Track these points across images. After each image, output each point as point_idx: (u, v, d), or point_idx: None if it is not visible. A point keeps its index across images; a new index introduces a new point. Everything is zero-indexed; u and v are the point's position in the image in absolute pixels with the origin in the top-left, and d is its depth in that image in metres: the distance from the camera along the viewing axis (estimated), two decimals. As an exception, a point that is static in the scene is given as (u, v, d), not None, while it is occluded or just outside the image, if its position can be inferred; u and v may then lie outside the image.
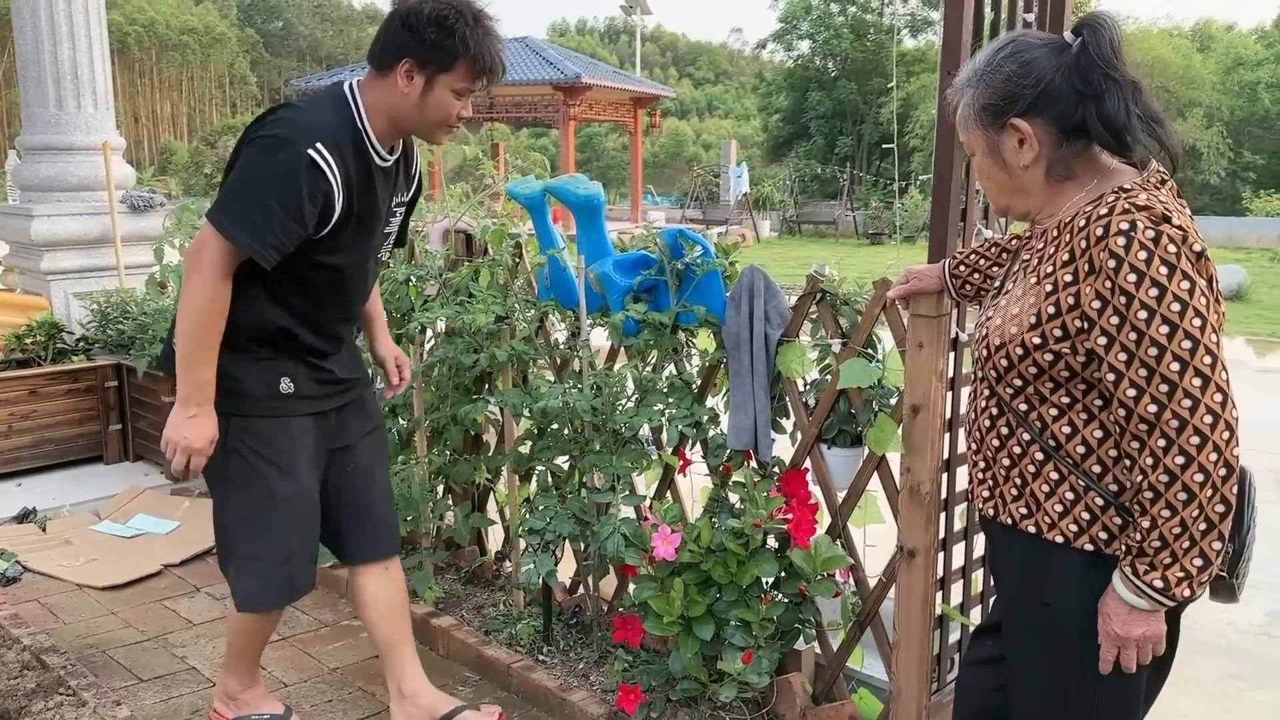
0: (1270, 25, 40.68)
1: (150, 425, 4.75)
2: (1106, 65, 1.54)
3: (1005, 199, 1.70)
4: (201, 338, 2.21)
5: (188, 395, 2.23)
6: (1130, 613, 1.53)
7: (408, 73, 2.19)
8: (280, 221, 2.13)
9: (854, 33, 35.80)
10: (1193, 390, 1.42)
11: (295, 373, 2.38)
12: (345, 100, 2.26)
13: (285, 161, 2.12)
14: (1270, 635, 3.44)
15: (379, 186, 2.33)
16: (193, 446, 2.25)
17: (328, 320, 2.42)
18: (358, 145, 2.24)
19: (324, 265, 2.30)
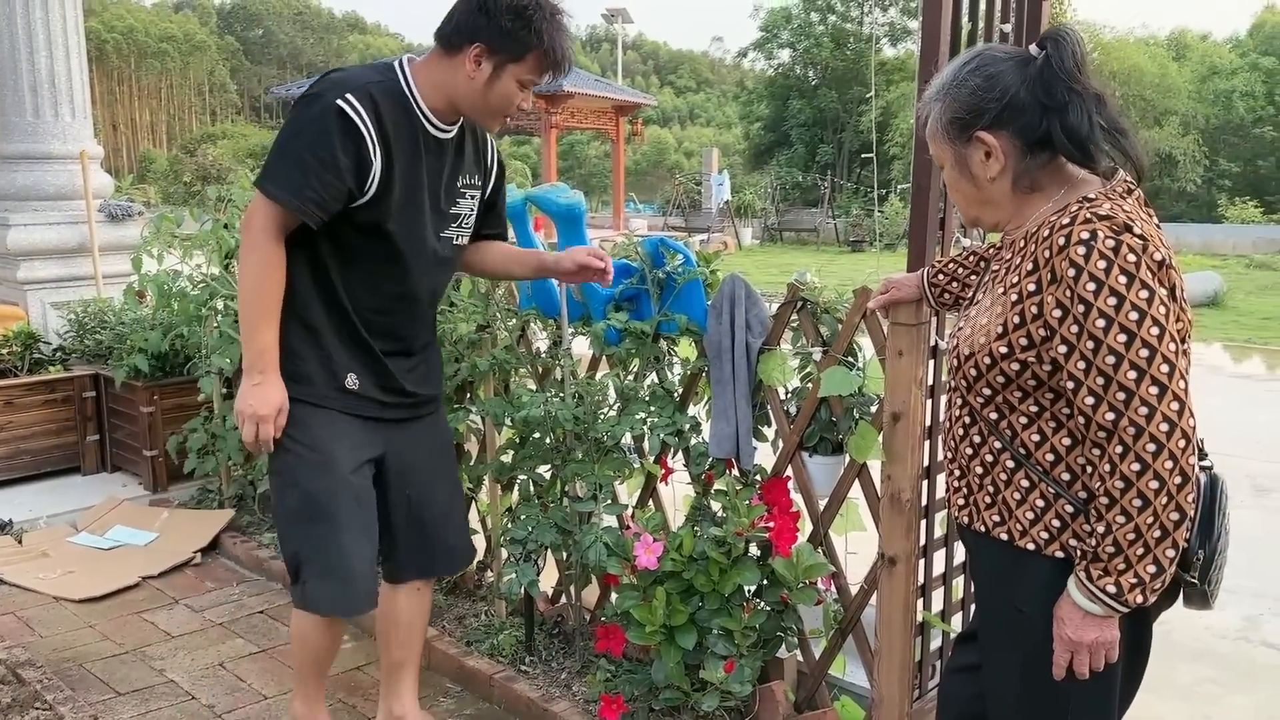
0: (1244, 34, 41.20)
1: (128, 436, 4.71)
2: (1069, 78, 1.55)
3: (974, 210, 1.72)
4: (258, 303, 2.18)
5: (250, 363, 2.20)
6: (1084, 618, 1.55)
7: (476, 57, 2.15)
8: (315, 173, 2.09)
9: (834, 41, 36.03)
10: (1149, 398, 1.44)
11: (362, 371, 2.32)
12: (390, 66, 2.24)
13: (316, 114, 2.10)
14: (1248, 640, 3.47)
15: (430, 154, 2.27)
16: (259, 414, 2.19)
17: (390, 309, 2.33)
18: (400, 104, 2.19)
19: (375, 233, 2.23)
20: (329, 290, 2.26)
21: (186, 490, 4.60)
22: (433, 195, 2.30)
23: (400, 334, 2.38)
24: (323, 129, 2.09)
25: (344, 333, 2.29)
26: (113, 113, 64.93)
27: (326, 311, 2.27)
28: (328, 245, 2.22)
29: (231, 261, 4.19)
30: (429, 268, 2.37)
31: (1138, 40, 34.72)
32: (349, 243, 2.23)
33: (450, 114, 2.27)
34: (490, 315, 3.14)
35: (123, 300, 5.00)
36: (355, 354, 2.31)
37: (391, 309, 2.34)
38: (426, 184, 2.28)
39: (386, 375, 2.36)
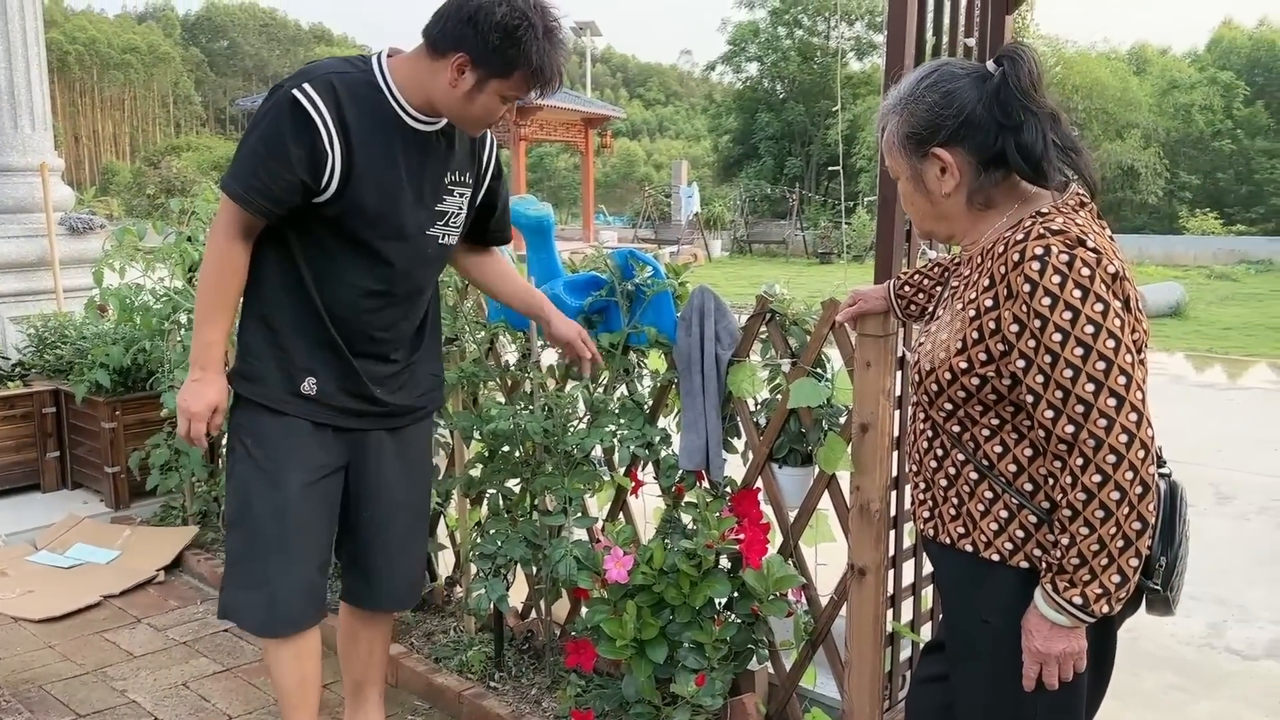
0: (1202, 49, 42.00)
1: (89, 452, 4.64)
2: (1025, 97, 1.56)
3: (928, 224, 1.73)
4: (208, 298, 2.15)
5: (194, 358, 2.18)
6: (1051, 629, 1.56)
7: (459, 67, 2.06)
8: (264, 163, 2.04)
9: (801, 55, 36.33)
10: (1108, 410, 1.45)
11: (324, 373, 2.24)
12: (366, 58, 2.18)
13: (271, 105, 2.06)
14: (1212, 646, 3.50)
15: (410, 147, 2.18)
16: (190, 410, 2.16)
17: (364, 307, 2.23)
18: (370, 95, 2.11)
19: (345, 228, 2.15)
20: (298, 288, 2.20)
21: (149, 507, 4.53)
22: (414, 189, 2.21)
23: (376, 335, 2.28)
24: (275, 119, 2.04)
25: (310, 332, 2.22)
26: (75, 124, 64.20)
27: (293, 310, 2.20)
28: (298, 241, 2.17)
29: (195, 275, 4.15)
30: (410, 264, 2.26)
31: (1099, 54, 35.27)
32: (319, 238, 2.17)
33: (432, 111, 2.19)
34: (458, 328, 3.12)
35: (84, 314, 4.93)
36: (320, 355, 2.23)
37: (366, 307, 2.24)
38: (405, 178, 2.18)
39: (354, 379, 2.27)
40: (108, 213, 8.52)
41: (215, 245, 2.14)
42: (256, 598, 2.25)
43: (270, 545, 2.24)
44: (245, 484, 2.25)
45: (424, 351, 2.44)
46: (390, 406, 2.35)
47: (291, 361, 2.22)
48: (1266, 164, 34.56)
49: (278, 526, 2.23)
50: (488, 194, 2.43)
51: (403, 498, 2.46)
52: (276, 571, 2.24)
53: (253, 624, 2.32)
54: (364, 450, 2.36)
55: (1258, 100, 36.61)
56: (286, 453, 2.23)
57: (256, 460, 2.23)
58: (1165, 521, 1.62)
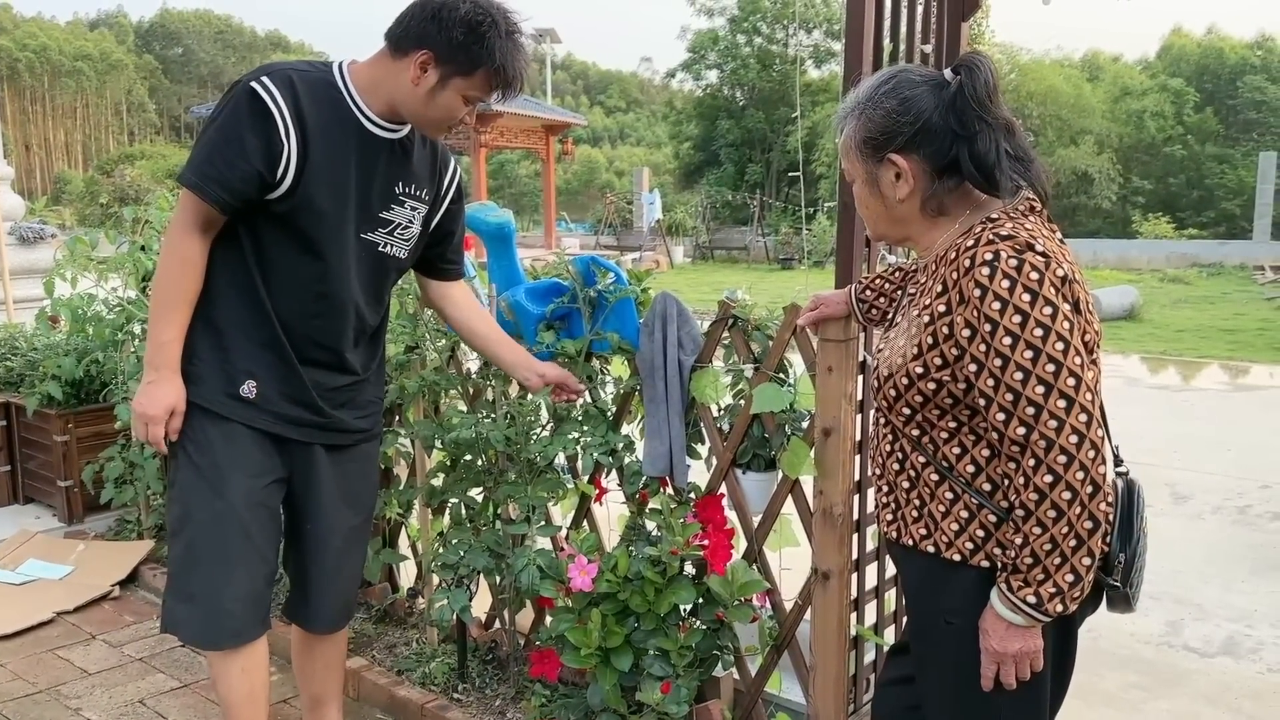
0: (1153, 57, 42.82)
1: (41, 466, 4.54)
2: (980, 107, 1.58)
3: (882, 227, 1.75)
4: (163, 296, 2.11)
5: (149, 358, 2.13)
6: (1007, 629, 1.57)
7: (422, 64, 2.07)
8: (221, 153, 2.03)
9: (760, 63, 36.55)
10: (1057, 412, 1.47)
11: (265, 376, 2.19)
12: (327, 63, 2.18)
13: (229, 98, 2.06)
14: (1170, 645, 3.55)
15: (365, 151, 2.16)
16: (146, 413, 2.11)
17: (314, 312, 2.21)
18: (328, 94, 2.11)
19: (293, 226, 2.12)
20: (248, 288, 2.16)
21: (104, 521, 4.45)
22: (361, 193, 2.19)
23: (326, 343, 2.25)
24: (233, 111, 2.03)
25: (254, 333, 2.18)
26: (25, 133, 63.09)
27: (241, 310, 2.17)
28: (249, 240, 2.14)
29: (149, 284, 4.08)
30: (343, 267, 2.22)
31: (1053, 62, 35.83)
32: (268, 236, 2.14)
33: (393, 116, 2.18)
34: (419, 336, 3.10)
35: (35, 326, 4.83)
36: (262, 357, 2.19)
37: (316, 312, 2.22)
38: (355, 179, 2.17)
39: (298, 385, 2.23)
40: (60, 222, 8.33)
41: (171, 239, 2.11)
42: (198, 609, 2.20)
43: (212, 555, 2.18)
44: (186, 492, 2.20)
45: (372, 374, 2.42)
46: (332, 419, 2.31)
47: (231, 362, 2.18)
48: (1216, 169, 35.29)
49: (219, 535, 2.18)
50: (445, 216, 2.42)
51: (338, 522, 2.41)
52: (219, 582, 2.19)
53: (194, 636, 2.28)
54: (306, 464, 2.31)
55: (1207, 106, 37.39)
56: (228, 460, 2.18)
57: (198, 467, 2.19)
58: (1123, 519, 1.64)
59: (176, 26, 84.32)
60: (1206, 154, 35.88)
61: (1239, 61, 38.53)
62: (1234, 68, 38.27)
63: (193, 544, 2.19)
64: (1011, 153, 1.60)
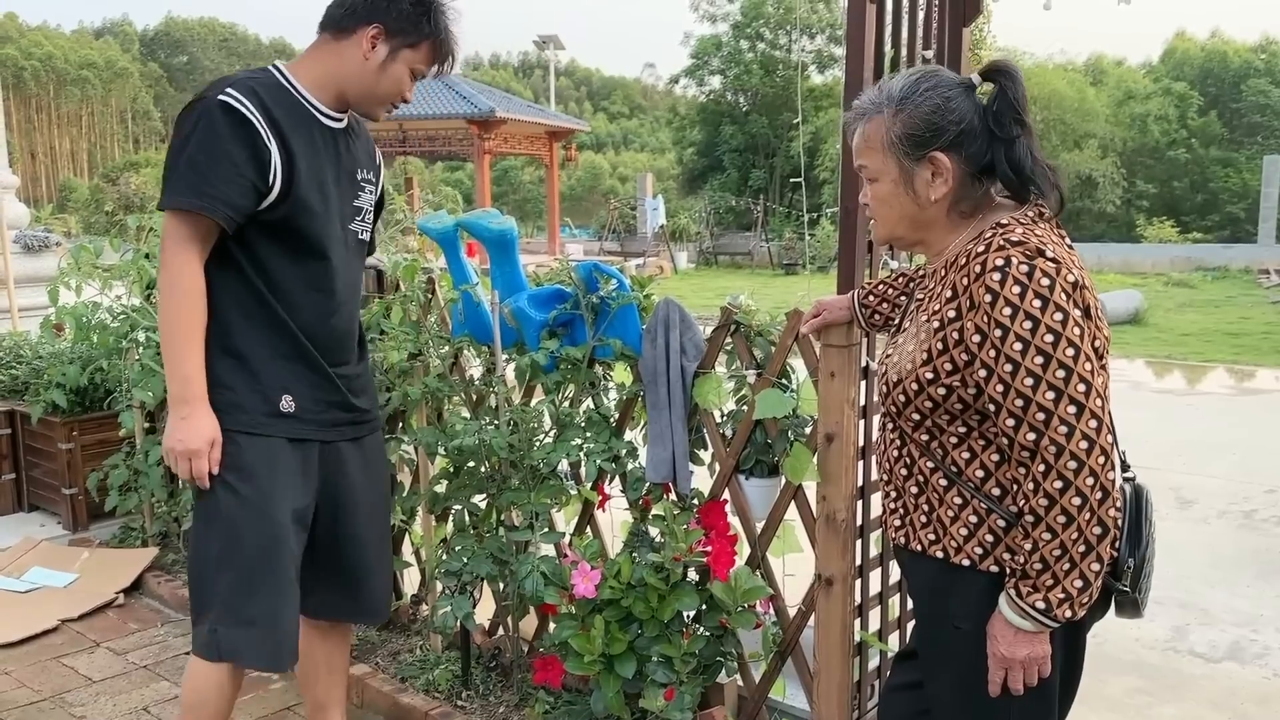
0: (1156, 61, 42.81)
1: (45, 474, 4.55)
2: (1019, 112, 1.60)
3: (901, 229, 1.71)
4: (178, 329, 2.06)
5: (176, 395, 2.08)
6: (1016, 634, 1.57)
7: (373, 39, 2.14)
8: (215, 171, 2.01)
9: (763, 69, 36.57)
10: (1068, 418, 1.47)
11: (298, 388, 2.19)
12: (264, 67, 2.22)
13: (200, 116, 2.03)
14: (1175, 650, 3.54)
15: (328, 144, 2.21)
16: (190, 448, 2.06)
17: (329, 311, 2.23)
18: (284, 96, 2.14)
19: (294, 231, 2.14)
20: (261, 307, 2.15)
21: (108, 529, 4.45)
22: (338, 185, 2.24)
23: (343, 339, 2.30)
24: (210, 128, 2.02)
25: (280, 349, 2.17)
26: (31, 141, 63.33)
27: (260, 331, 2.16)
28: (245, 258, 2.13)
29: (153, 292, 4.09)
30: (342, 261, 2.28)
31: (1056, 66, 35.86)
32: (266, 248, 2.14)
33: (337, 104, 2.23)
34: (422, 343, 3.10)
35: (39, 334, 4.85)
36: (293, 370, 2.19)
37: (330, 311, 2.25)
38: (330, 174, 2.21)
39: (329, 387, 2.25)
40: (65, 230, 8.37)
41: (171, 270, 2.07)
42: (260, 634, 2.16)
43: (269, 578, 2.16)
44: (232, 521, 2.14)
45: (366, 356, 2.47)
46: (359, 412, 2.35)
47: (264, 383, 2.17)
48: (1220, 173, 35.24)
49: (275, 559, 2.16)
50: (382, 195, 2.48)
51: (378, 510, 2.46)
52: (279, 605, 2.18)
53: (262, 660, 2.22)
54: (337, 464, 2.32)
55: (1211, 110, 37.34)
56: (272, 483, 2.16)
57: (243, 496, 2.14)
58: (1132, 524, 1.64)
59: (181, 34, 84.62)
60: (1210, 157, 35.83)
61: (1243, 65, 38.49)
62: (1238, 71, 38.24)
63: (247, 571, 2.15)
64: (1037, 159, 1.61)
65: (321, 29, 2.21)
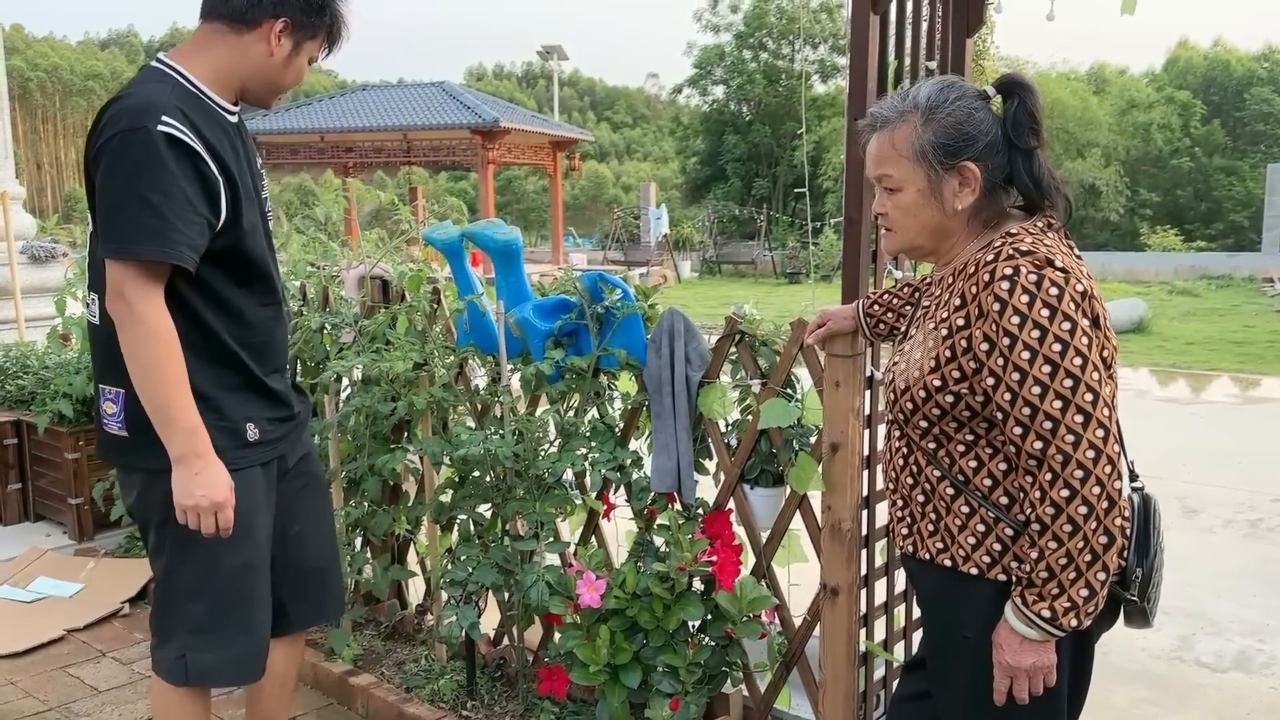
0: (1159, 69, 42.83)
1: (51, 484, 4.56)
2: (1036, 124, 1.61)
3: (921, 238, 1.70)
4: (164, 383, 1.93)
5: (182, 451, 1.95)
6: (1021, 643, 1.57)
7: (280, 33, 2.04)
8: (174, 212, 1.88)
9: (766, 78, 36.62)
10: (1075, 426, 1.47)
11: (258, 412, 2.14)
12: (161, 70, 2.04)
13: (142, 151, 1.88)
14: (1182, 660, 3.53)
15: (237, 146, 2.09)
16: (215, 501, 1.97)
17: (270, 325, 2.17)
18: (198, 104, 2.00)
19: (237, 253, 2.05)
20: (209, 339, 2.05)
21: (114, 538, 4.46)
22: (254, 187, 2.15)
23: (282, 344, 2.24)
24: (157, 163, 1.88)
25: (234, 381, 2.10)
26: (37, 152, 63.58)
27: (214, 365, 2.06)
28: (198, 292, 2.01)
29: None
30: (275, 261, 2.23)
31: (1059, 75, 35.84)
32: (218, 276, 2.04)
33: (235, 98, 2.11)
34: (427, 353, 3.11)
35: (46, 344, 4.86)
36: (248, 397, 2.13)
37: (271, 325, 2.18)
38: (249, 177, 2.11)
39: (280, 405, 2.20)
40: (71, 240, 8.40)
41: (146, 319, 1.91)
42: (236, 653, 2.15)
43: (247, 601, 2.15)
44: (212, 552, 2.07)
45: None
46: (297, 412, 2.30)
47: (227, 416, 2.09)
48: (1224, 181, 35.23)
49: (249, 581, 2.15)
50: None
51: (324, 503, 2.46)
52: (252, 622, 2.17)
53: (231, 679, 2.20)
54: (283, 468, 2.28)
55: (1214, 119, 37.35)
56: (251, 506, 2.12)
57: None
58: (1140, 533, 1.64)
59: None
60: (1214, 166, 35.82)
61: (1245, 73, 38.51)
62: (1240, 79, 38.25)
63: (223, 596, 2.12)
64: (1049, 169, 1.63)
65: (213, 16, 2.05)
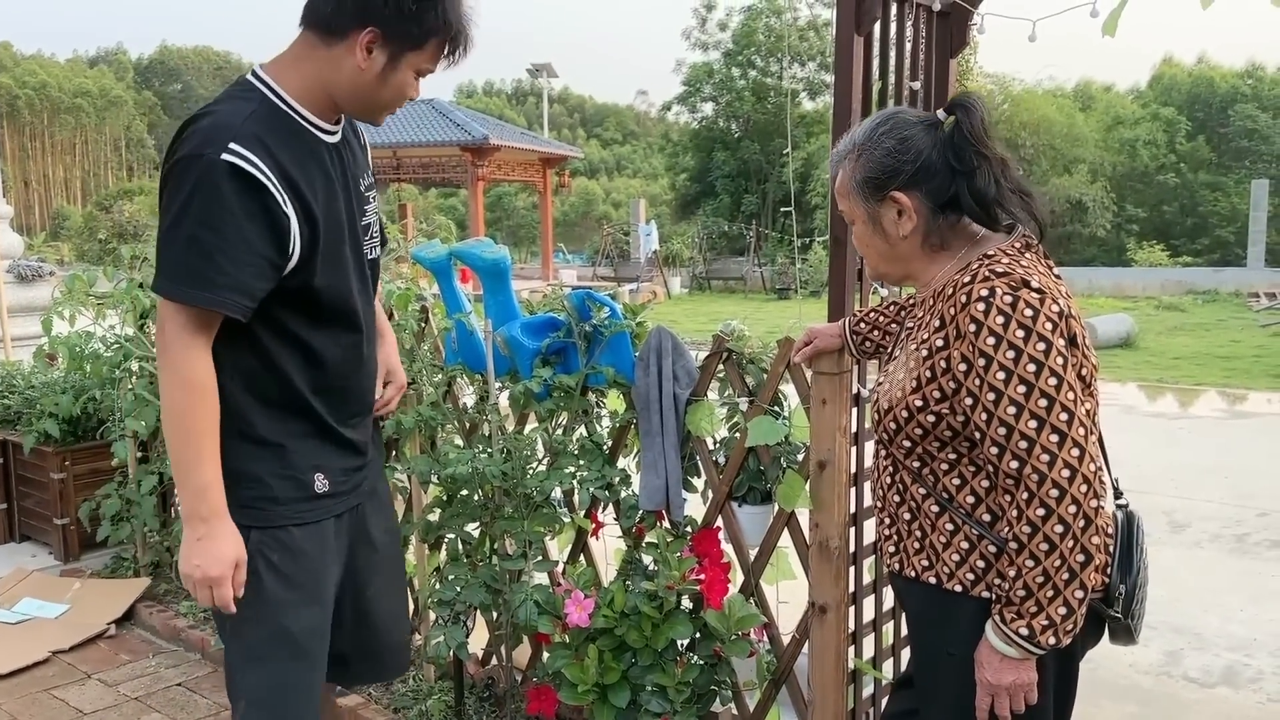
0: (1145, 86, 43.18)
1: (37, 504, 4.53)
2: (978, 143, 1.63)
3: (884, 266, 1.78)
4: (186, 435, 1.73)
5: (190, 511, 1.75)
6: (1001, 661, 1.58)
7: (368, 45, 1.76)
8: (226, 254, 1.67)
9: (755, 96, 36.79)
10: (1050, 446, 1.49)
11: (329, 461, 1.92)
12: (249, 84, 1.81)
13: (201, 181, 1.67)
14: (1169, 675, 3.54)
15: (334, 168, 1.88)
16: (210, 575, 1.73)
17: (349, 369, 1.95)
18: (288, 127, 1.79)
19: (311, 292, 1.82)
20: (279, 382, 1.85)
21: (100, 559, 4.44)
22: (349, 214, 1.92)
23: (359, 392, 2.01)
24: (214, 197, 1.67)
25: (304, 426, 1.89)
26: (24, 169, 63.45)
27: (279, 410, 1.86)
28: (265, 332, 1.81)
29: (146, 321, 4.09)
30: (367, 297, 2.00)
31: (1045, 91, 36.05)
32: (291, 315, 1.83)
33: (332, 112, 1.88)
34: (415, 371, 3.11)
35: (32, 363, 4.84)
36: (320, 445, 1.92)
37: (350, 368, 1.96)
38: (342, 203, 1.89)
39: (354, 454, 1.99)
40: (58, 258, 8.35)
41: (178, 363, 1.73)
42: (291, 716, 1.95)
43: (309, 671, 1.94)
44: (274, 606, 1.86)
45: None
46: (369, 459, 2.08)
47: (295, 465, 1.89)
48: (1209, 197, 35.45)
49: (316, 646, 1.93)
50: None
51: (396, 557, 2.23)
52: (316, 688, 1.97)
53: None
54: (360, 522, 2.07)
55: (1199, 135, 37.62)
56: (322, 563, 1.92)
57: (287, 576, 1.87)
58: (1123, 550, 1.66)
59: (176, 63, 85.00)
60: (1199, 182, 36.06)
61: (1229, 90, 38.83)
62: (1225, 96, 38.56)
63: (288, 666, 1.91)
64: (1010, 186, 1.64)
65: (306, 25, 1.82)
